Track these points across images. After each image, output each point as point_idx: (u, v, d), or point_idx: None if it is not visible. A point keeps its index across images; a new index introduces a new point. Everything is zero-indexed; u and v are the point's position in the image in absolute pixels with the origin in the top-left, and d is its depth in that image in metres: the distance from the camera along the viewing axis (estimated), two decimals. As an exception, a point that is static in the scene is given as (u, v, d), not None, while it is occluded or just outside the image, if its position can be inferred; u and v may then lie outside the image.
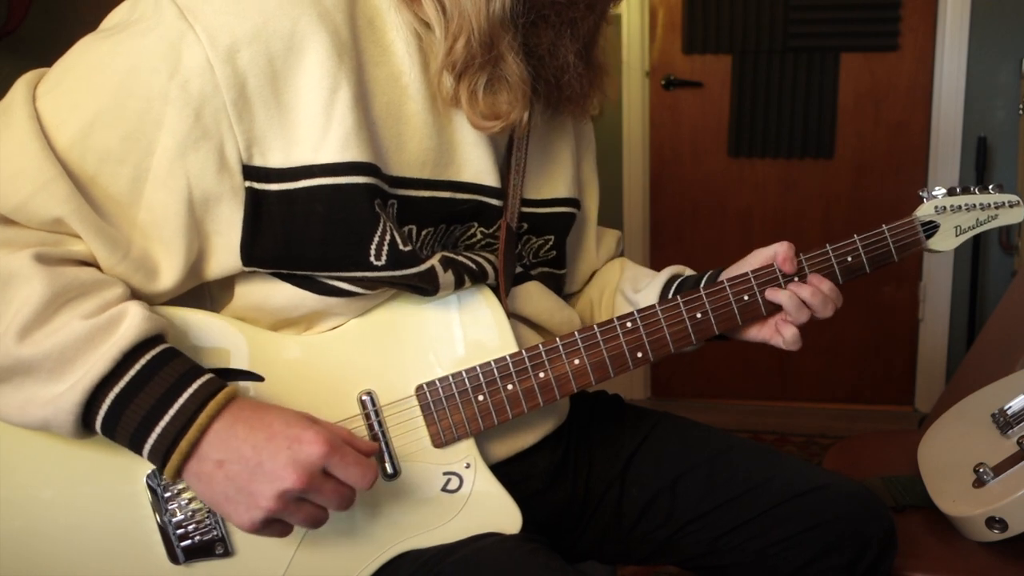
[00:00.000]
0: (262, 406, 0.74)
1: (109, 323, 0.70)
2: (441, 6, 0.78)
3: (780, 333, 0.94)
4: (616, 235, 1.14)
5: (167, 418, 0.70)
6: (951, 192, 0.97)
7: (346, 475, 0.72)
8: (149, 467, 0.78)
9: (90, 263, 0.74)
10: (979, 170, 2.52)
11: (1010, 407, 1.18)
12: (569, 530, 1.00)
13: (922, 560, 1.11)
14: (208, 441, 0.71)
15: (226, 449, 0.71)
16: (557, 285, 1.00)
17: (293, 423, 0.72)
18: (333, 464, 0.71)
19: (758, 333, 0.96)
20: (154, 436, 0.70)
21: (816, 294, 0.92)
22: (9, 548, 0.78)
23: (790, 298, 0.92)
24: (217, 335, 0.79)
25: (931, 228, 0.97)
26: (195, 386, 0.71)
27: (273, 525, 0.72)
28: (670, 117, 2.78)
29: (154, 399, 0.70)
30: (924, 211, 0.97)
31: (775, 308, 0.93)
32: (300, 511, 0.72)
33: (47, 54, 0.78)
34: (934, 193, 0.97)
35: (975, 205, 0.98)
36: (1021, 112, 2.44)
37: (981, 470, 1.12)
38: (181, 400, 0.70)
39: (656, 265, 0.99)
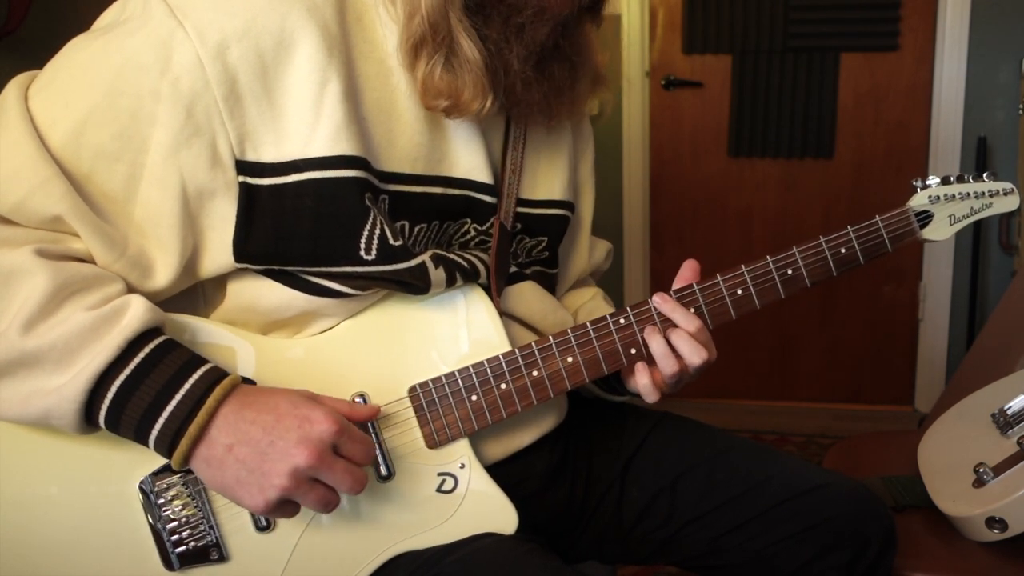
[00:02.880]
0: (266, 390, 0.75)
1: (113, 313, 0.71)
2: None
3: (635, 376, 0.88)
4: (607, 246, 1.13)
5: (174, 403, 0.70)
6: (945, 181, 0.96)
7: (352, 452, 0.73)
8: (142, 474, 0.78)
9: (89, 260, 0.74)
10: (979, 170, 2.50)
11: (1010, 407, 1.18)
12: (568, 531, 0.99)
13: (922, 560, 1.11)
14: (217, 425, 0.71)
15: (236, 432, 0.71)
16: (550, 284, 1.00)
17: (300, 403, 0.73)
18: (342, 441, 0.73)
19: (630, 381, 0.91)
20: (161, 421, 0.70)
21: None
22: (2, 556, 0.78)
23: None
24: (208, 339, 0.79)
25: (925, 218, 0.95)
26: (200, 372, 0.72)
27: (285, 506, 0.73)
28: (670, 117, 2.78)
29: (160, 385, 0.70)
30: (918, 201, 0.96)
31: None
32: (312, 491, 0.72)
33: (47, 54, 0.78)
34: (928, 182, 0.96)
35: (969, 194, 0.96)
36: (1021, 112, 2.44)
37: (981, 470, 1.12)
38: (187, 385, 0.71)
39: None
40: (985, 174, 0.98)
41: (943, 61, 2.54)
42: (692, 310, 0.89)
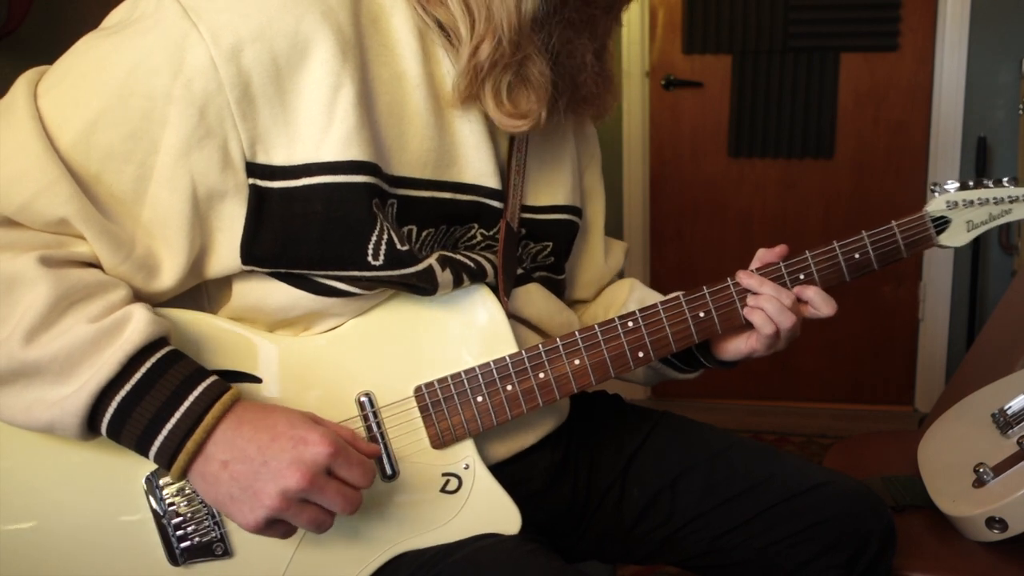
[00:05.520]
0: (266, 407, 0.74)
1: (114, 326, 0.70)
2: (467, 7, 0.77)
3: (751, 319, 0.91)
4: (623, 246, 1.14)
5: (174, 420, 0.70)
6: (964, 186, 0.95)
7: (349, 475, 0.72)
8: (148, 468, 0.78)
9: (93, 264, 0.74)
10: (979, 170, 2.52)
11: (1010, 407, 1.18)
12: (569, 530, 1.00)
13: (922, 560, 1.11)
14: (214, 442, 0.71)
15: (231, 449, 0.71)
16: (557, 290, 1.00)
17: (298, 424, 0.72)
18: (337, 464, 0.72)
19: (746, 344, 0.94)
20: (161, 438, 0.70)
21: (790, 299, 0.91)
22: (9, 549, 0.78)
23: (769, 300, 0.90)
24: (215, 337, 0.79)
25: (941, 223, 0.94)
26: (200, 388, 0.72)
27: (276, 525, 0.72)
28: (670, 117, 2.78)
29: (160, 401, 0.70)
30: (935, 206, 0.94)
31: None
32: (303, 512, 0.72)
33: (47, 54, 0.77)
34: (946, 187, 0.95)
35: (988, 199, 0.95)
36: (1021, 112, 2.44)
37: (981, 470, 1.12)
38: (187, 402, 0.71)
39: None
40: (1005, 179, 0.96)
41: (943, 61, 2.54)
42: (701, 314, 0.90)
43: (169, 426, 0.70)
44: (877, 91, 2.64)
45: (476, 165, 0.85)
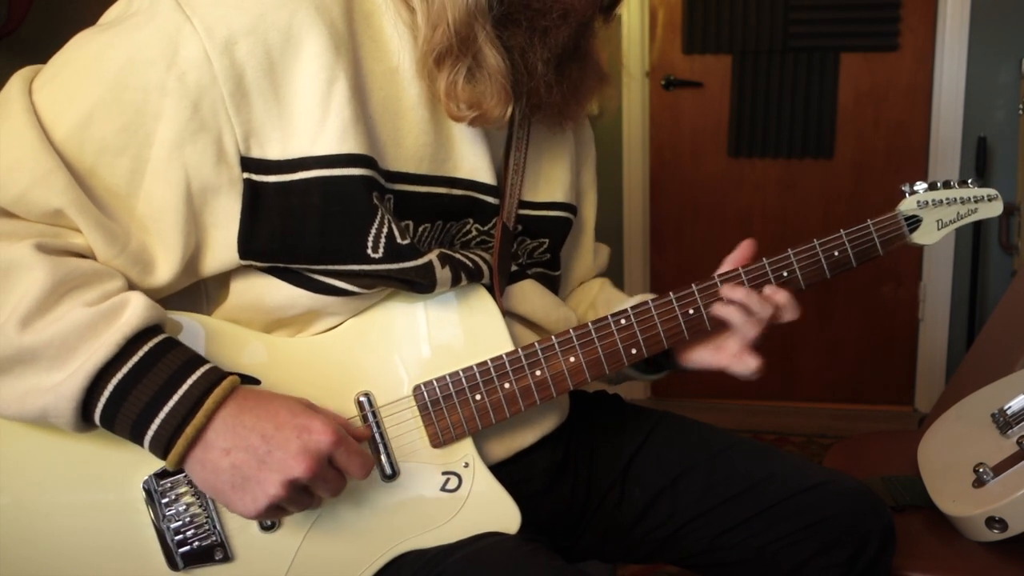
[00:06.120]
0: (265, 395, 0.74)
1: (112, 311, 0.70)
2: None
3: (743, 362, 0.93)
4: (608, 250, 1.15)
5: (171, 404, 0.70)
6: (932, 187, 0.99)
7: (348, 464, 0.73)
8: (145, 473, 0.77)
9: (89, 256, 0.74)
10: (979, 170, 2.52)
11: (1010, 407, 1.18)
12: (570, 530, 1.00)
13: (922, 560, 1.11)
14: (214, 428, 0.71)
15: (234, 437, 0.71)
16: (552, 286, 1.00)
17: (299, 412, 0.73)
18: (339, 454, 0.72)
19: (713, 357, 0.95)
20: (157, 422, 0.70)
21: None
22: (6, 557, 0.77)
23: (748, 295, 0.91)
24: (212, 338, 0.79)
25: (914, 222, 0.99)
26: (199, 373, 0.71)
27: (272, 511, 0.73)
28: (670, 117, 2.78)
29: (157, 386, 0.70)
30: (907, 205, 0.99)
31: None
32: (299, 499, 0.73)
33: (47, 54, 0.77)
34: (916, 188, 1.00)
35: (956, 199, 1.00)
36: (1021, 112, 2.44)
37: (981, 470, 1.12)
38: (185, 386, 0.70)
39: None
40: (970, 180, 1.02)
41: (943, 61, 2.54)
42: (691, 311, 0.90)
43: (166, 410, 0.69)
44: (877, 91, 2.64)
45: (470, 160, 0.85)
